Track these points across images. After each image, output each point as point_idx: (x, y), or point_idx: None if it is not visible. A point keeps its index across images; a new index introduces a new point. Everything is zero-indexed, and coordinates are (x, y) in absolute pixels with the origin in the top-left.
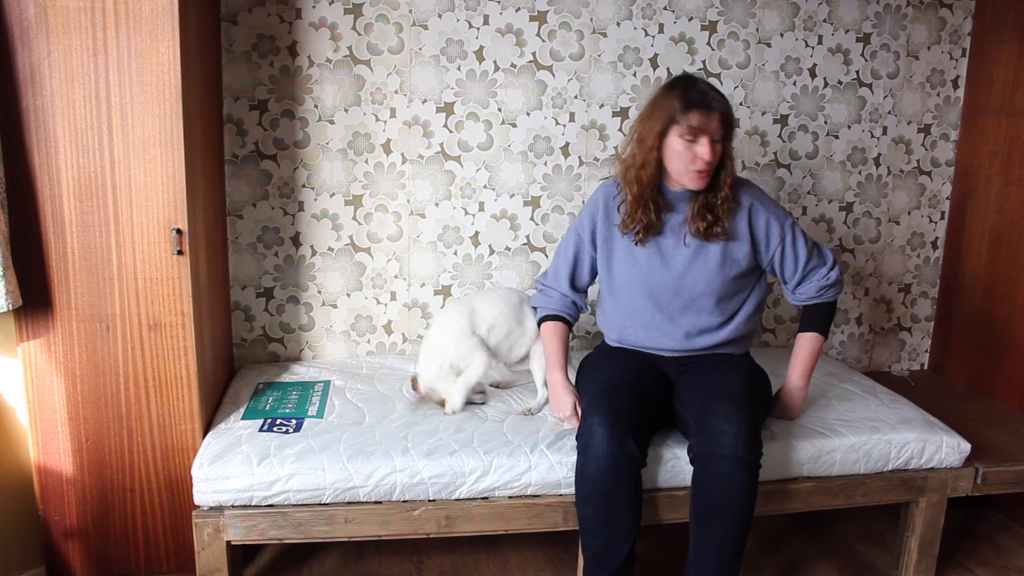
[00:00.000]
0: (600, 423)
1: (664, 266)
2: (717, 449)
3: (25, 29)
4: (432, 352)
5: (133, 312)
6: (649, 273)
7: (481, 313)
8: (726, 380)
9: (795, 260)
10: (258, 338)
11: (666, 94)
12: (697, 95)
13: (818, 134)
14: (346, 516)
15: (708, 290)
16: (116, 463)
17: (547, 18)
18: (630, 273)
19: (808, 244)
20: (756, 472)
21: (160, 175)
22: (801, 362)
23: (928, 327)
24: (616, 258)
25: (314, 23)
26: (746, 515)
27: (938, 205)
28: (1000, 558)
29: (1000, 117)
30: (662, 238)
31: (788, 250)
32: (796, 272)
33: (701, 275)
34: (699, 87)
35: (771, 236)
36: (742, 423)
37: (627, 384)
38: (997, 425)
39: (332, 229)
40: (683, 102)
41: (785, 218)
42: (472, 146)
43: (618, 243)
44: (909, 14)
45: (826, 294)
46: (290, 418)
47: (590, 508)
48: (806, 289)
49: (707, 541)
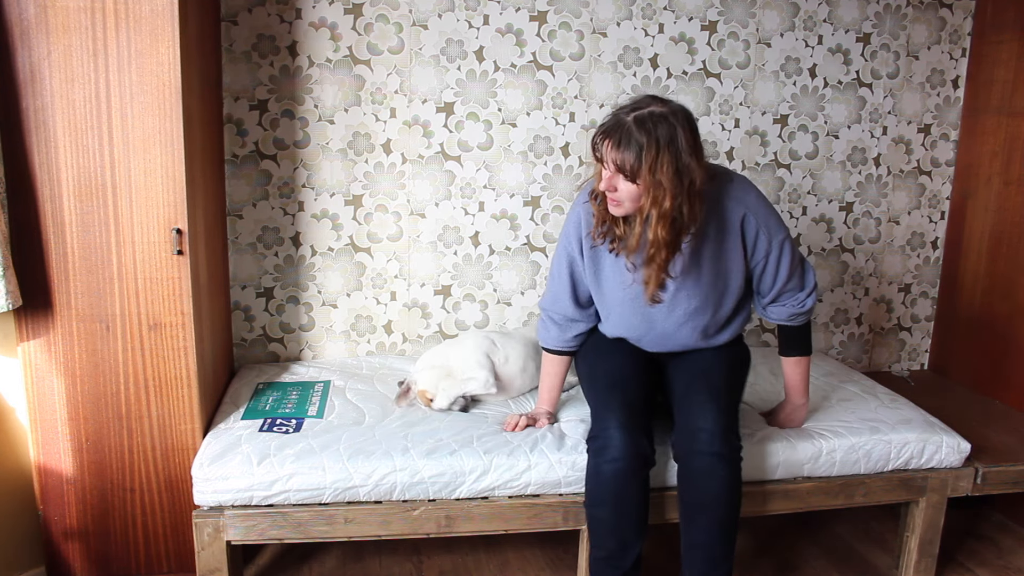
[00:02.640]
0: (616, 425)
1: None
2: (696, 446)
3: (25, 29)
4: (435, 355)
5: (133, 312)
6: (640, 296)
7: (500, 344)
8: (706, 366)
9: (774, 278)
10: (258, 338)
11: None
12: (610, 119)
13: (818, 134)
14: (346, 516)
15: (703, 307)
16: (116, 463)
17: (547, 18)
18: (623, 293)
19: (792, 266)
20: (736, 465)
21: (160, 175)
22: (795, 384)
23: (928, 327)
24: (604, 275)
25: (314, 23)
26: (731, 508)
27: (938, 205)
28: (1000, 558)
29: (1000, 117)
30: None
31: (770, 267)
32: (772, 290)
33: (695, 292)
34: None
35: (758, 248)
36: (719, 418)
37: (634, 378)
38: (997, 425)
39: (332, 229)
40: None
41: (777, 233)
42: (472, 146)
43: (605, 259)
44: (909, 14)
45: (797, 320)
46: (290, 418)
47: (605, 510)
48: (777, 312)
49: (697, 536)
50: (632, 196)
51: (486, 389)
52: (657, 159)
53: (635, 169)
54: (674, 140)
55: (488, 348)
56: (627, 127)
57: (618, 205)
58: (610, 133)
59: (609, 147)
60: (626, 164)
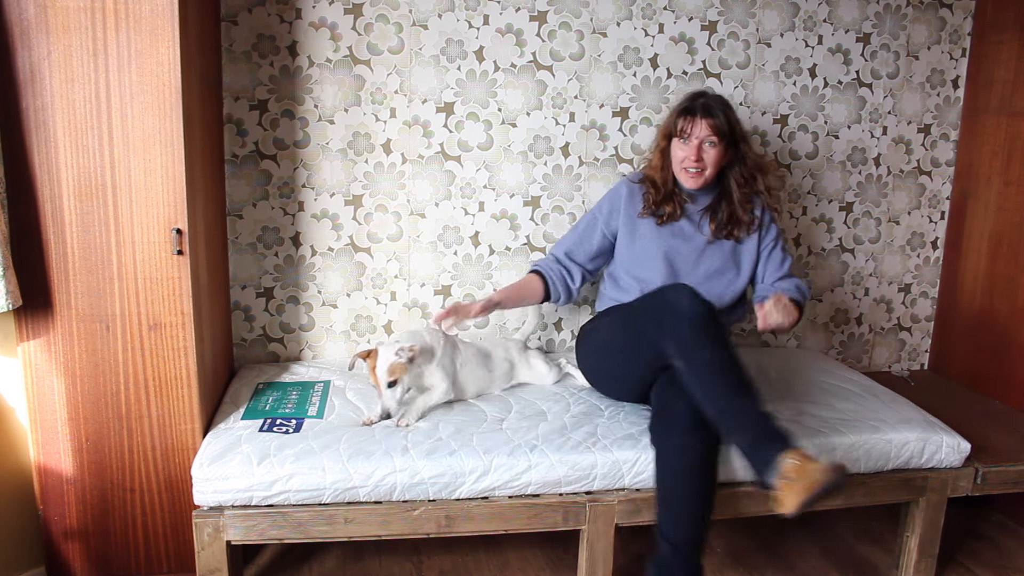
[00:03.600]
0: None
1: (685, 242)
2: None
3: (25, 29)
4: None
5: (133, 312)
6: (671, 247)
7: (460, 348)
8: None
9: (781, 261)
10: (258, 338)
11: (674, 108)
12: (687, 103)
13: (818, 134)
14: (346, 516)
15: (720, 273)
16: (116, 463)
17: (547, 18)
18: (656, 244)
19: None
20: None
21: (160, 175)
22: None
23: (928, 327)
24: (639, 234)
25: (314, 23)
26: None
27: (938, 205)
28: (1000, 558)
29: (1000, 117)
30: (684, 224)
31: (777, 251)
32: (780, 268)
33: (717, 257)
34: (694, 98)
35: (770, 231)
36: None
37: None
38: (997, 425)
39: (332, 229)
40: (676, 111)
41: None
42: (472, 146)
43: (640, 224)
44: (909, 14)
45: (801, 293)
46: (290, 418)
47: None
48: (787, 284)
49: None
50: (716, 160)
51: (446, 398)
52: (737, 119)
53: (726, 130)
54: (731, 111)
55: (452, 350)
56: (706, 102)
57: (700, 175)
58: (694, 111)
59: (699, 120)
60: (720, 127)
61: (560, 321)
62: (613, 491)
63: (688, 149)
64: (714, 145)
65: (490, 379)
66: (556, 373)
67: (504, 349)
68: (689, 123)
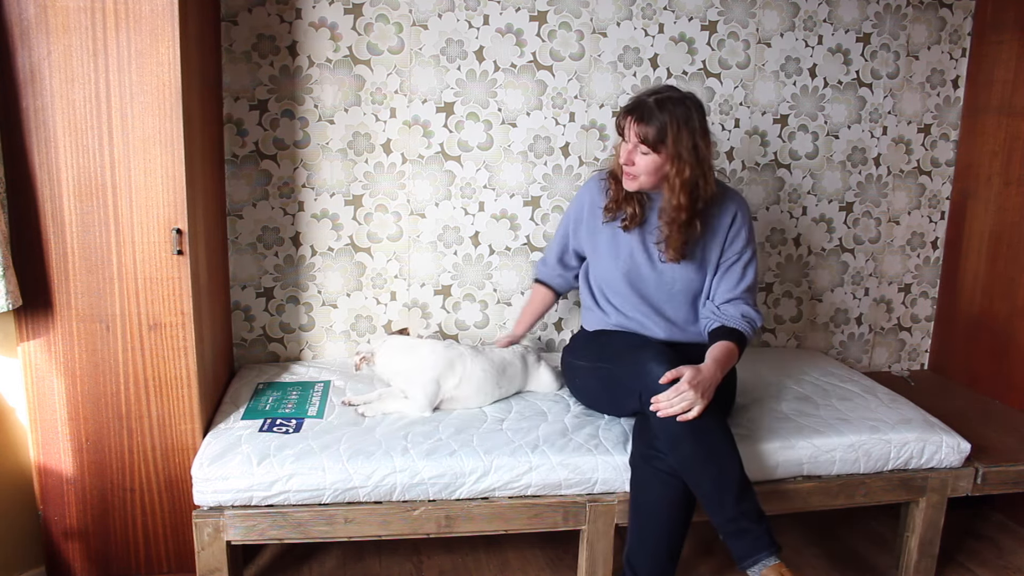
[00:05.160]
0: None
1: (647, 259)
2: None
3: (25, 29)
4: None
5: (133, 312)
6: (631, 269)
7: (461, 365)
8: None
9: (739, 279)
10: (258, 338)
11: None
12: (633, 99)
13: (818, 134)
14: (346, 516)
15: (686, 289)
16: (116, 463)
17: (547, 18)
18: (615, 265)
19: (754, 279)
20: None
21: (160, 175)
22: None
23: (928, 327)
24: (600, 253)
25: (314, 23)
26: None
27: (938, 205)
28: (1000, 558)
29: (1000, 117)
30: (646, 232)
31: (738, 266)
32: (734, 289)
33: (680, 271)
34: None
35: (736, 243)
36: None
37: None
38: (997, 425)
39: (332, 229)
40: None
41: (751, 244)
42: (472, 146)
43: (602, 232)
44: (909, 14)
45: (743, 323)
46: (290, 418)
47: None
48: (731, 311)
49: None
50: (648, 169)
51: (420, 413)
52: (677, 133)
53: (656, 141)
54: (690, 120)
55: (443, 371)
56: (649, 105)
57: (633, 179)
58: (633, 111)
59: (631, 122)
60: (648, 136)
61: (560, 321)
62: (613, 492)
63: (623, 151)
64: (645, 154)
65: (497, 394)
66: (560, 384)
67: (521, 359)
68: (624, 122)
